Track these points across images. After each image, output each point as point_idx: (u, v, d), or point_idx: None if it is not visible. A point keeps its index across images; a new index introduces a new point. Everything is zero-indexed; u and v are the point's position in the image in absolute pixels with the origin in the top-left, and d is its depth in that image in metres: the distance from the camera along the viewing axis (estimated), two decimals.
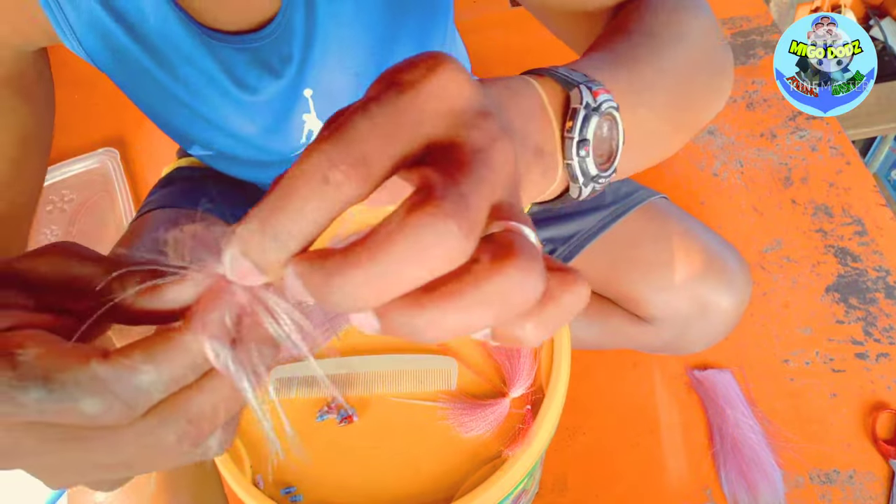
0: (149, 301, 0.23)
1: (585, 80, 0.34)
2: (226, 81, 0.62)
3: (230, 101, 0.64)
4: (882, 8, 1.55)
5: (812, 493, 0.86)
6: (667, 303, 0.79)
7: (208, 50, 0.60)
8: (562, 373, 0.47)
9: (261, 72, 0.63)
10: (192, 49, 0.60)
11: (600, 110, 0.33)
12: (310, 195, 0.19)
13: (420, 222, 0.19)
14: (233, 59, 0.61)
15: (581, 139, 0.32)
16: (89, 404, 0.21)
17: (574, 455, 0.92)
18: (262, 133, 0.68)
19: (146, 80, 0.63)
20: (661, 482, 0.89)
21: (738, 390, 0.92)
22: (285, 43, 0.61)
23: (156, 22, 0.58)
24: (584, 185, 0.34)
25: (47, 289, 0.24)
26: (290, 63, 0.63)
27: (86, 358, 0.21)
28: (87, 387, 0.21)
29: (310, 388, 0.51)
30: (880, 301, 0.99)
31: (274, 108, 0.66)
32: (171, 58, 0.60)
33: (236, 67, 0.62)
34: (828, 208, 1.09)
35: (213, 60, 0.61)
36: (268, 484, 0.46)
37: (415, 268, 0.19)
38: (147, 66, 0.61)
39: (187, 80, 0.62)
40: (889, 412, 0.90)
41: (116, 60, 0.61)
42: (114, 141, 1.28)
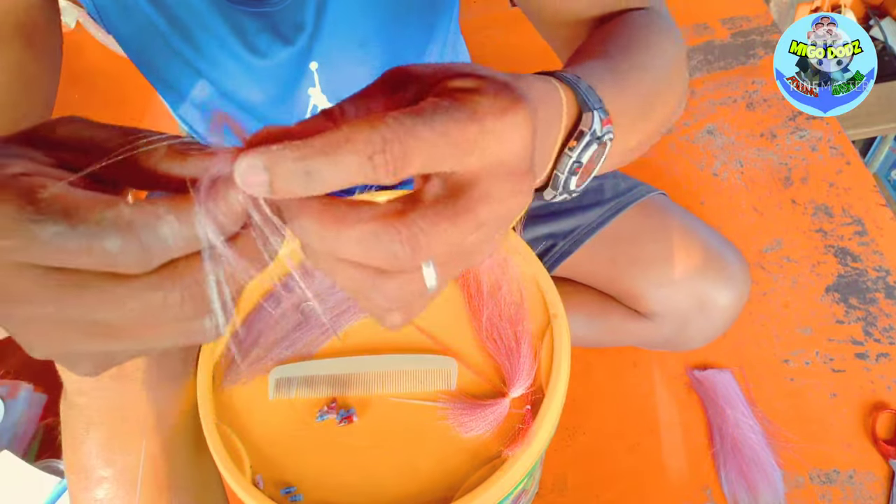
0: (170, 165, 0.23)
1: (600, 107, 0.35)
2: (237, 44, 0.63)
3: (240, 64, 0.65)
4: (882, 8, 1.55)
5: (812, 493, 0.86)
6: (666, 298, 0.79)
7: (221, 12, 0.61)
8: (562, 372, 0.47)
9: (272, 37, 0.63)
10: (207, 12, 0.61)
11: (601, 140, 0.35)
12: (350, 161, 0.22)
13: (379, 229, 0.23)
14: (245, 24, 0.62)
15: (576, 160, 0.35)
16: (112, 242, 0.21)
17: (574, 455, 0.92)
18: (268, 103, 0.69)
19: (157, 43, 0.63)
20: (661, 482, 0.89)
21: (738, 390, 0.92)
22: (298, 11, 0.62)
23: None
24: (559, 194, 0.37)
25: (65, 148, 0.24)
26: (301, 32, 0.64)
27: (112, 201, 0.21)
28: (112, 225, 0.21)
29: (310, 388, 0.51)
30: (880, 301, 0.99)
31: (281, 77, 0.67)
32: (185, 20, 0.61)
33: (248, 31, 0.63)
34: (828, 208, 1.09)
35: (225, 23, 0.61)
36: (267, 484, 0.46)
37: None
38: (161, 29, 0.62)
39: (200, 43, 0.63)
40: (889, 412, 0.90)
41: (128, 21, 0.61)
42: None
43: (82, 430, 0.54)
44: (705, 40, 1.33)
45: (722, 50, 1.31)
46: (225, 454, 0.45)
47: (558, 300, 0.51)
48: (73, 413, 0.55)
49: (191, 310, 0.23)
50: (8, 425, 0.89)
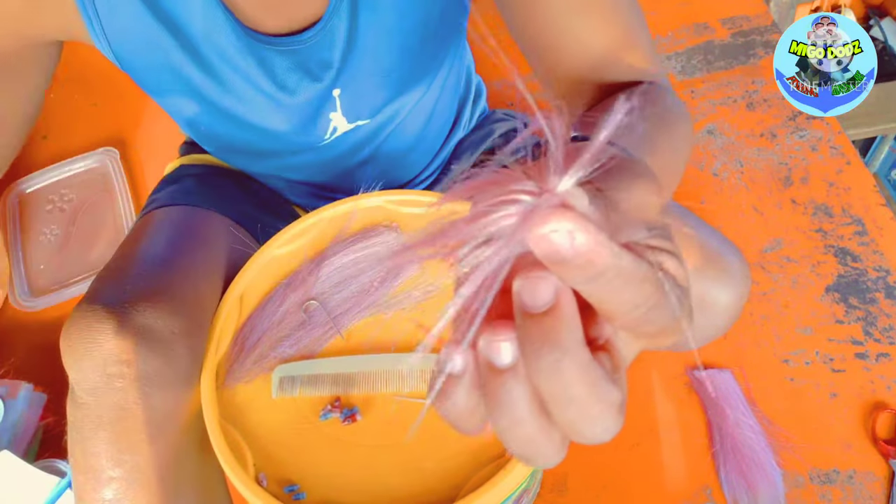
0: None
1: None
2: (266, 82, 0.63)
3: (268, 99, 0.65)
4: (882, 8, 1.55)
5: (812, 493, 0.86)
6: None
7: (250, 51, 0.61)
8: None
9: (301, 75, 0.64)
10: (235, 51, 0.61)
11: None
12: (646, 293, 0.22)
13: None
14: (274, 62, 0.62)
15: None
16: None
17: (574, 455, 0.91)
18: (291, 131, 0.69)
19: (180, 82, 0.63)
20: (661, 482, 0.89)
21: (738, 390, 0.92)
22: (326, 48, 0.63)
23: (203, 22, 0.59)
24: None
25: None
26: (329, 69, 0.64)
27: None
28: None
29: (313, 386, 0.51)
30: (880, 301, 0.99)
31: (307, 109, 0.67)
32: (210, 58, 0.61)
33: (277, 69, 0.63)
34: (828, 208, 1.09)
35: (254, 61, 0.62)
36: (271, 482, 0.46)
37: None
38: (181, 65, 0.62)
39: (225, 80, 0.63)
40: (889, 412, 0.90)
41: (150, 60, 0.61)
42: (114, 141, 1.28)
43: (90, 430, 0.54)
44: (705, 40, 1.33)
45: (722, 50, 1.31)
46: (228, 452, 0.45)
47: None
48: (82, 413, 0.54)
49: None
50: (8, 425, 0.89)
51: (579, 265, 0.20)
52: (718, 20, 1.36)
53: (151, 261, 0.63)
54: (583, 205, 0.21)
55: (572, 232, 0.20)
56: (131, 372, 0.53)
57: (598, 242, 0.20)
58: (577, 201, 0.21)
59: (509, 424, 0.23)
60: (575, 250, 0.20)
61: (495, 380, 0.22)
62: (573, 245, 0.20)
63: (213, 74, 0.63)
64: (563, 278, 0.21)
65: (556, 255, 0.20)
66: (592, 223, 0.20)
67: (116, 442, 0.54)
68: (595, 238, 0.20)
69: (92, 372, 0.53)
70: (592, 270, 0.20)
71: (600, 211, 0.22)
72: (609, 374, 0.22)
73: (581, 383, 0.21)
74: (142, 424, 0.54)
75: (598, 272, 0.20)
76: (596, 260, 0.20)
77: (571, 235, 0.20)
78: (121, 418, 0.54)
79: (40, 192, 1.21)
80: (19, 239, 1.16)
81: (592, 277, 0.21)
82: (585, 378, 0.21)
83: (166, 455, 0.56)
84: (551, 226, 0.19)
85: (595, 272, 0.20)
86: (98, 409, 0.54)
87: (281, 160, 0.76)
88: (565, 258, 0.20)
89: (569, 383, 0.21)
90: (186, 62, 0.61)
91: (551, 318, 0.21)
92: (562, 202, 0.20)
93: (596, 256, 0.20)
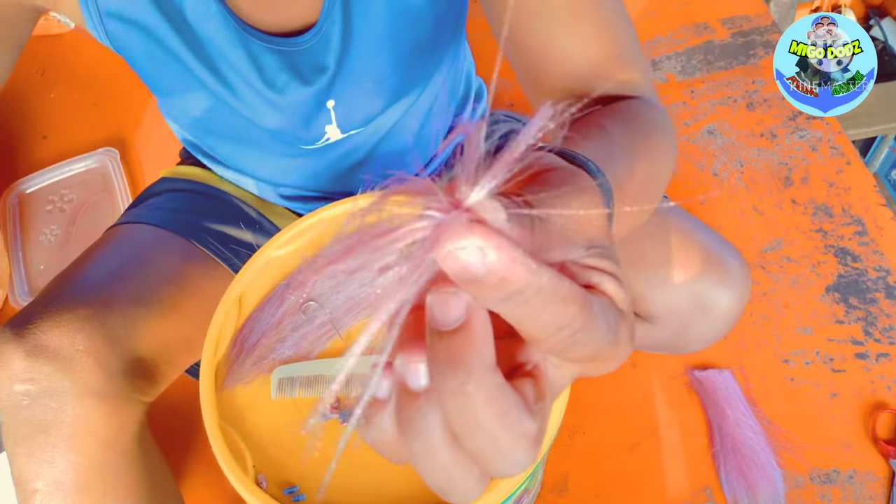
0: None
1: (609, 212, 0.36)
2: (255, 78, 0.63)
3: (258, 96, 0.65)
4: (882, 8, 1.55)
5: (812, 493, 0.86)
6: (665, 300, 0.79)
7: (242, 44, 0.61)
8: None
9: (291, 76, 0.64)
10: (227, 42, 0.61)
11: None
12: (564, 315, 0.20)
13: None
14: (264, 59, 0.62)
15: None
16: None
17: (574, 455, 0.92)
18: (290, 129, 0.69)
19: (176, 67, 0.63)
20: (662, 482, 0.89)
21: (738, 390, 0.92)
22: (320, 54, 0.63)
23: (192, 10, 0.59)
24: None
25: None
26: (322, 74, 0.64)
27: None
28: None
29: (312, 387, 0.51)
30: (880, 301, 0.99)
31: (298, 111, 0.67)
32: (208, 48, 0.61)
33: (266, 67, 0.63)
34: (828, 208, 1.09)
35: (244, 56, 0.62)
36: (270, 483, 0.46)
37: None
38: (182, 55, 0.62)
39: (221, 71, 0.63)
40: (889, 412, 0.90)
41: (145, 45, 0.61)
42: (114, 141, 1.28)
43: (11, 445, 0.59)
44: (705, 40, 1.33)
45: (722, 50, 1.31)
46: (228, 454, 0.45)
47: None
48: (3, 430, 0.59)
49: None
50: None
51: (492, 284, 0.19)
52: (718, 20, 1.36)
53: (80, 280, 0.66)
54: (497, 218, 0.19)
55: (483, 248, 0.18)
56: (36, 389, 0.57)
57: (512, 259, 0.18)
58: (490, 215, 0.19)
59: (423, 453, 0.21)
60: (487, 268, 0.18)
61: (410, 404, 0.21)
62: (484, 262, 0.18)
63: (211, 65, 0.63)
64: (476, 297, 0.20)
65: (466, 273, 0.18)
66: (506, 238, 0.18)
67: (32, 455, 0.58)
68: (509, 255, 0.18)
69: (1, 391, 0.57)
70: (507, 289, 0.19)
71: (522, 226, 0.21)
72: (526, 403, 0.21)
73: (488, 410, 0.20)
74: (54, 438, 0.58)
75: (514, 291, 0.19)
76: (510, 278, 0.19)
77: (482, 252, 0.18)
78: (32, 434, 0.58)
79: (40, 193, 1.21)
80: (19, 239, 1.16)
81: (507, 297, 0.19)
82: (493, 405, 0.20)
83: (88, 468, 0.59)
84: (460, 242, 0.18)
85: (510, 291, 0.19)
86: (12, 426, 0.58)
87: (271, 159, 0.76)
88: (476, 276, 0.18)
89: (475, 409, 0.19)
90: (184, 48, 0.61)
91: (460, 338, 0.20)
92: (475, 217, 0.19)
93: (510, 274, 0.18)
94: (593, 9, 0.52)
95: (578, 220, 0.24)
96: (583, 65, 0.53)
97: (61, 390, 0.57)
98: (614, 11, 0.54)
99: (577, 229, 0.24)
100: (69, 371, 0.57)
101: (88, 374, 0.58)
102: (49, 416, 0.57)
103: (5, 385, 0.57)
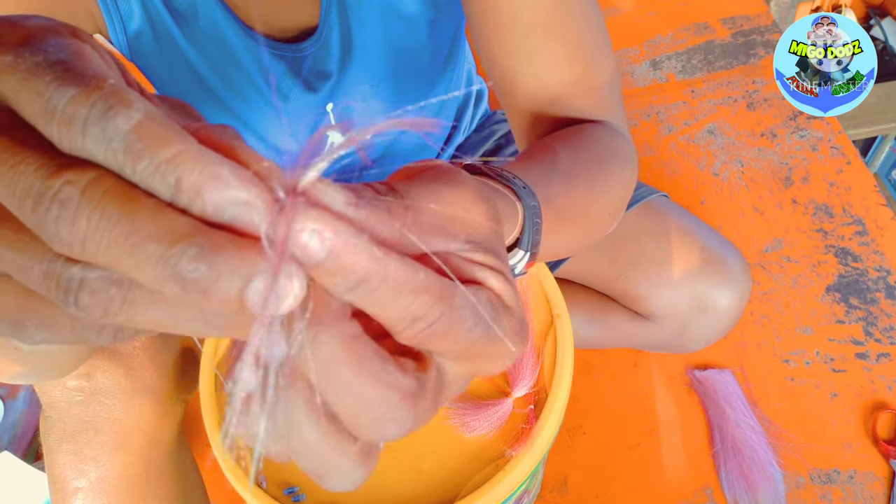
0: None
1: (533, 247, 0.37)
2: (262, 83, 0.64)
3: (265, 102, 0.66)
4: (882, 8, 1.55)
5: (812, 493, 0.86)
6: (666, 299, 0.79)
7: (249, 50, 0.62)
8: (565, 372, 0.47)
9: (294, 82, 0.65)
10: (238, 48, 0.61)
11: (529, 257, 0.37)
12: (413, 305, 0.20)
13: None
14: (271, 64, 0.63)
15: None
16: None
17: (574, 455, 0.92)
18: (290, 140, 0.70)
19: (189, 78, 0.64)
20: (662, 482, 0.89)
21: (739, 390, 0.92)
22: (322, 60, 0.63)
23: (204, 16, 0.59)
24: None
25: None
26: (327, 80, 0.65)
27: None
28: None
29: None
30: (881, 301, 0.99)
31: (303, 119, 0.68)
32: (217, 56, 0.62)
33: (273, 72, 0.64)
34: (828, 208, 1.09)
35: (253, 61, 0.62)
36: (270, 484, 0.46)
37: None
38: (194, 64, 0.62)
39: (230, 77, 0.63)
40: (890, 412, 0.90)
41: (162, 54, 0.62)
42: None
43: (56, 442, 0.57)
44: (705, 40, 1.33)
45: (722, 49, 1.31)
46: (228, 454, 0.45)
47: (562, 300, 0.51)
48: (47, 426, 0.57)
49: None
50: (8, 425, 0.89)
51: (332, 269, 0.18)
52: (719, 20, 1.36)
53: None
54: (335, 201, 0.19)
55: (319, 232, 0.18)
56: (90, 385, 0.56)
57: (350, 245, 0.18)
58: (328, 197, 0.19)
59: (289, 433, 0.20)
60: (326, 251, 0.18)
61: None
62: (322, 246, 0.18)
63: (220, 72, 0.63)
64: (325, 285, 0.19)
65: (306, 256, 0.18)
66: (344, 223, 0.18)
67: (79, 453, 0.57)
68: (347, 240, 0.18)
69: (53, 386, 0.56)
70: (350, 276, 0.18)
71: (377, 214, 0.20)
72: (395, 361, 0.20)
73: (347, 358, 0.19)
74: (104, 436, 0.56)
75: (358, 279, 0.19)
76: (351, 265, 0.18)
77: (319, 235, 0.18)
78: (83, 430, 0.56)
79: None
80: None
81: (353, 285, 0.19)
82: (351, 353, 0.19)
83: (133, 467, 0.58)
84: (296, 224, 0.18)
85: (354, 279, 0.19)
86: (61, 422, 0.56)
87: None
88: (316, 260, 0.18)
89: (332, 360, 0.19)
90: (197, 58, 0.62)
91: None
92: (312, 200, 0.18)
93: (350, 261, 0.18)
94: (566, 28, 0.52)
95: (458, 214, 0.24)
96: (551, 86, 0.53)
97: (117, 387, 0.56)
98: (589, 31, 0.53)
99: (456, 223, 0.23)
100: (126, 368, 0.57)
101: (144, 372, 0.57)
102: (102, 413, 0.56)
103: (59, 380, 0.56)
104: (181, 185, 0.17)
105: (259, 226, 0.18)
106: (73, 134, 0.17)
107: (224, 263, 0.17)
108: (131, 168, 0.17)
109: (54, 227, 0.17)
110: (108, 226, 0.17)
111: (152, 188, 0.17)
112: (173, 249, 0.17)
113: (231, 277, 0.17)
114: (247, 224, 0.18)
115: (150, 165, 0.17)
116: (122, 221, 0.17)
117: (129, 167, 0.17)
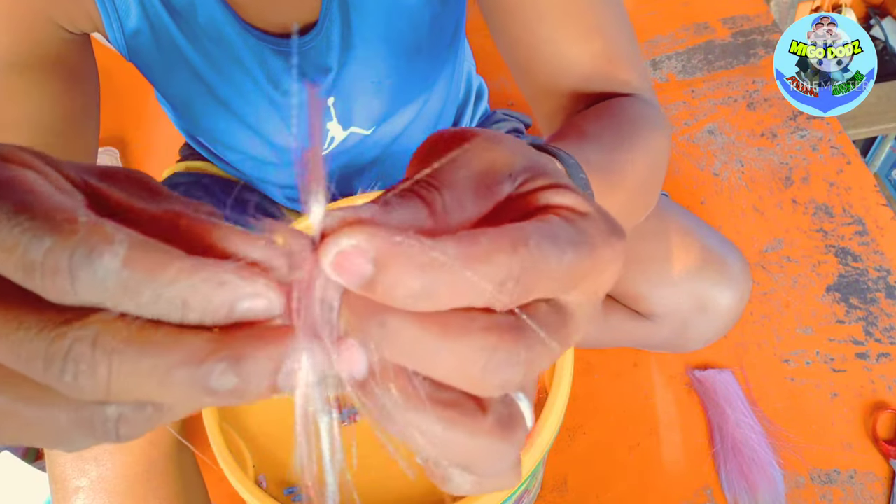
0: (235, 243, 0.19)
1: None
2: (262, 79, 0.64)
3: (265, 98, 0.65)
4: (882, 8, 1.55)
5: (812, 493, 0.86)
6: (666, 299, 0.79)
7: (249, 46, 0.61)
8: (565, 372, 0.47)
9: (293, 77, 0.64)
10: (238, 44, 0.61)
11: None
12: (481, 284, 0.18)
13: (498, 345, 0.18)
14: (271, 60, 0.63)
15: None
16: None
17: (574, 455, 0.92)
18: (290, 136, 0.69)
19: (188, 76, 0.63)
20: (662, 482, 0.89)
21: (739, 390, 0.92)
22: (322, 55, 0.63)
23: (203, 14, 0.59)
24: None
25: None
26: (327, 75, 0.64)
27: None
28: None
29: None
30: (881, 301, 0.99)
31: (302, 114, 0.67)
32: (216, 53, 0.62)
33: (273, 68, 0.63)
34: (828, 208, 1.09)
35: (253, 57, 0.62)
36: (270, 484, 0.46)
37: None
38: (194, 62, 0.62)
39: (230, 74, 0.63)
40: (890, 412, 0.90)
41: (160, 53, 0.62)
42: (114, 141, 1.28)
43: None
44: (705, 40, 1.33)
45: (722, 49, 1.31)
46: (228, 454, 0.45)
47: None
48: None
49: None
50: None
51: (392, 281, 0.17)
52: (719, 20, 1.36)
53: None
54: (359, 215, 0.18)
55: (357, 246, 0.17)
56: None
57: (392, 243, 0.17)
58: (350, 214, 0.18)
59: (413, 438, 0.19)
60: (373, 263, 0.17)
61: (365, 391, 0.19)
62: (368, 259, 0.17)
63: (219, 69, 0.63)
64: (397, 302, 0.18)
65: (357, 277, 0.17)
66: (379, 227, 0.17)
67: (80, 453, 0.56)
68: (386, 240, 0.17)
69: None
70: (411, 279, 0.17)
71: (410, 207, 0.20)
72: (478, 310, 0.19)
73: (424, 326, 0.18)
74: None
75: (423, 277, 0.17)
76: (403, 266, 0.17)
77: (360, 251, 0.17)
78: None
79: None
80: None
81: (423, 286, 0.17)
82: (423, 319, 0.18)
83: (134, 466, 0.58)
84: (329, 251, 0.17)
85: (417, 279, 0.17)
86: None
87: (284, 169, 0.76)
88: (368, 276, 0.17)
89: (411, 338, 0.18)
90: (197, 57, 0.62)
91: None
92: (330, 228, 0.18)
93: (401, 262, 0.17)
94: (585, 9, 0.52)
95: (487, 164, 0.22)
96: (573, 64, 0.53)
97: None
98: (609, 10, 0.54)
99: (490, 172, 0.22)
100: None
101: None
102: None
103: None
104: (189, 304, 0.17)
105: (274, 312, 0.18)
106: (62, 285, 0.16)
107: (251, 370, 0.17)
108: (134, 304, 0.17)
109: (74, 382, 0.16)
110: (129, 368, 0.16)
111: (159, 315, 0.17)
112: (199, 372, 0.17)
113: (260, 378, 0.17)
114: (263, 315, 0.18)
115: (153, 296, 0.17)
116: (143, 359, 0.16)
117: (132, 304, 0.17)
